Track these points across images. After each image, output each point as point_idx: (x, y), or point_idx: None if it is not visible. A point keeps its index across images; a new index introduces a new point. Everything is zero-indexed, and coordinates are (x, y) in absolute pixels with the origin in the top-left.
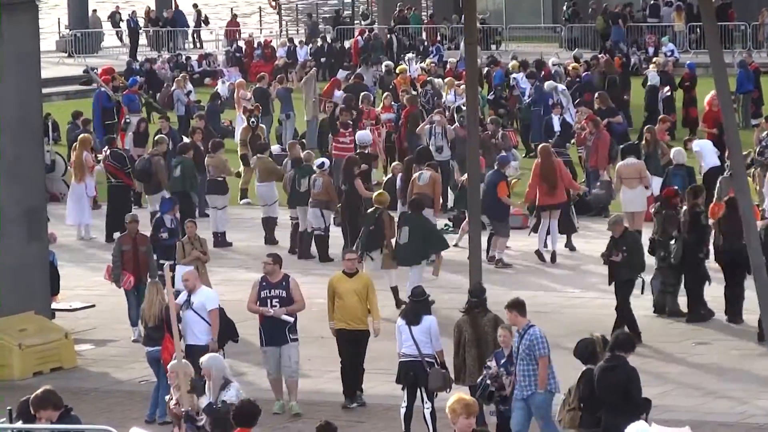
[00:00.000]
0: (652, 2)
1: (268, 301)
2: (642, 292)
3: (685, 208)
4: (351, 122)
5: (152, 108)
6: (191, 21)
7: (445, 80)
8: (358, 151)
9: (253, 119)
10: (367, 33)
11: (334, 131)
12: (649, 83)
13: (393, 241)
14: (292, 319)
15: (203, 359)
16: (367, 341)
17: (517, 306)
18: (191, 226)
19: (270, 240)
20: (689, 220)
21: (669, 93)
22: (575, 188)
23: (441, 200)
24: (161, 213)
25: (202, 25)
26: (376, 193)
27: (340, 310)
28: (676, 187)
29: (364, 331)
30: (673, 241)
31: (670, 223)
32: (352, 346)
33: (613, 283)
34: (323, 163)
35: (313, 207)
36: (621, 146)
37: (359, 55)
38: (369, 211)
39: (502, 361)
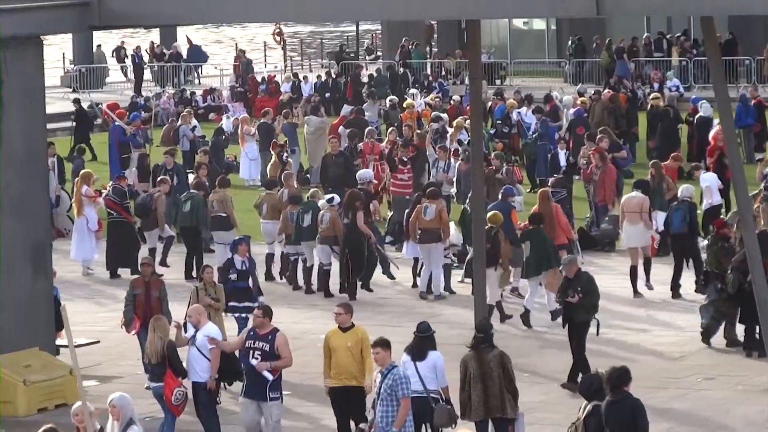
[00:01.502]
0: (656, 37)
1: (251, 351)
2: (597, 333)
3: (738, 238)
4: (408, 159)
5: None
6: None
7: (455, 122)
8: (358, 186)
9: (285, 154)
10: (365, 68)
11: (392, 168)
12: (701, 115)
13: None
14: (271, 378)
15: (113, 396)
16: (362, 399)
17: (383, 344)
18: (209, 271)
19: (269, 276)
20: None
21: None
22: (569, 236)
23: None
24: (231, 253)
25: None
26: (490, 214)
27: (333, 365)
28: (723, 218)
29: (357, 387)
30: (729, 272)
31: (725, 254)
32: (345, 403)
33: (568, 325)
34: (333, 198)
35: (321, 243)
36: (634, 181)
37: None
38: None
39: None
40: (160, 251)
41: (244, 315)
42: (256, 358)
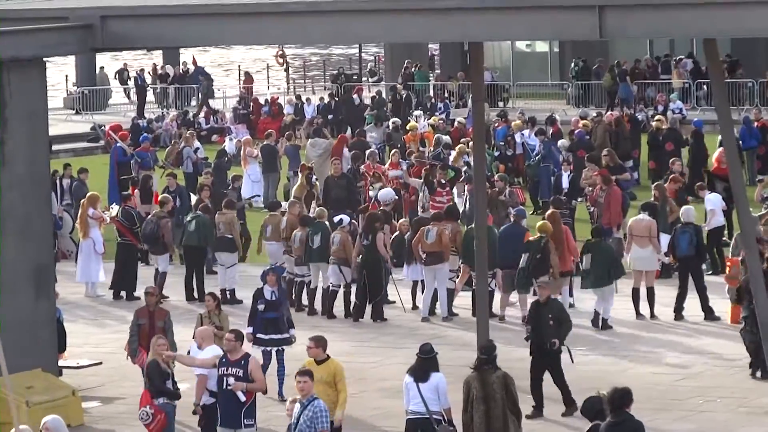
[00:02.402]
0: (663, 59)
1: (224, 379)
2: (572, 361)
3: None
4: (447, 181)
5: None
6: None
7: (457, 147)
8: (381, 208)
9: (314, 177)
10: (368, 90)
11: (431, 190)
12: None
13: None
14: (244, 398)
15: (46, 419)
16: None
17: (309, 374)
18: (209, 300)
19: None
20: None
21: (673, 149)
22: (576, 256)
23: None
24: (262, 283)
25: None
26: (539, 223)
27: None
28: (759, 236)
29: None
30: None
31: None
32: None
33: (535, 354)
34: (342, 219)
35: (332, 264)
36: (642, 204)
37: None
38: (533, 240)
39: None
40: (172, 275)
41: (268, 349)
42: (230, 384)
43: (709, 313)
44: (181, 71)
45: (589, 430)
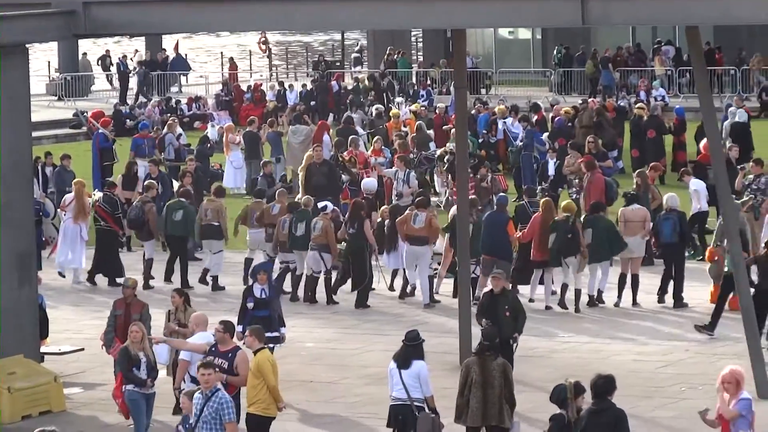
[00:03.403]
0: (655, 46)
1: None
2: (513, 351)
3: None
4: (470, 169)
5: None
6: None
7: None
8: (363, 197)
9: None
10: (348, 77)
11: (453, 177)
12: (736, 120)
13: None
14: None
15: None
16: (262, 428)
17: (213, 366)
18: (175, 296)
19: (246, 281)
20: None
21: (654, 137)
22: None
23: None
24: (252, 281)
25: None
26: (564, 203)
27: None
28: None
29: (254, 415)
30: None
31: None
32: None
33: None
34: (326, 206)
35: (312, 250)
36: (625, 194)
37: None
38: (560, 219)
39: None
40: (157, 260)
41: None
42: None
43: (678, 301)
44: (159, 58)
45: (551, 418)
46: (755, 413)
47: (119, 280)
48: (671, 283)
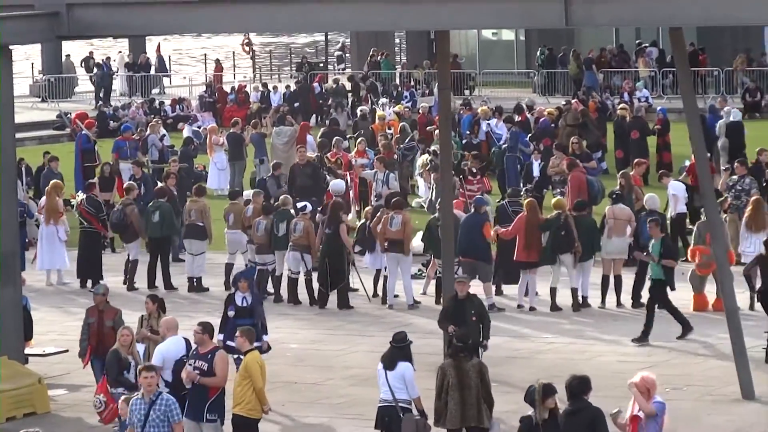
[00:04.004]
0: (639, 48)
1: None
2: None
3: None
4: (478, 170)
5: None
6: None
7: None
8: (332, 200)
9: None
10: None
11: (464, 178)
12: (730, 119)
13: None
14: (190, 386)
15: None
16: (248, 430)
17: (155, 369)
18: (149, 303)
19: (228, 286)
20: None
21: (638, 137)
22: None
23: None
24: (233, 288)
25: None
26: (554, 200)
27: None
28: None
29: (239, 416)
30: None
31: None
32: None
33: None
34: (305, 206)
35: (293, 251)
36: (611, 193)
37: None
38: (551, 217)
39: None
40: (143, 261)
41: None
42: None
43: (636, 300)
44: (139, 60)
45: (520, 419)
46: (665, 420)
47: (102, 282)
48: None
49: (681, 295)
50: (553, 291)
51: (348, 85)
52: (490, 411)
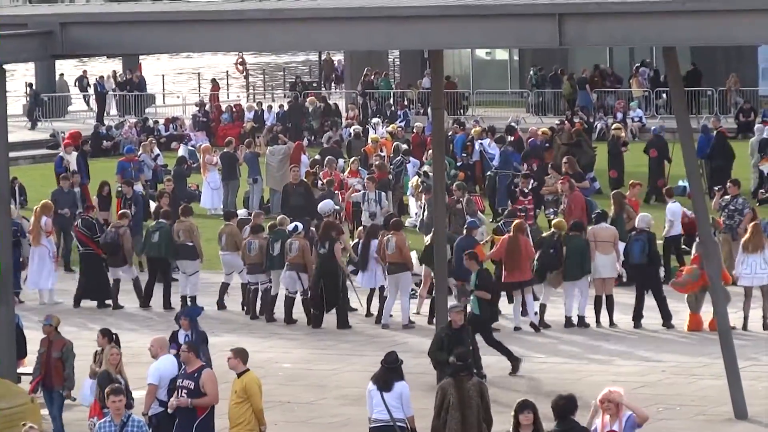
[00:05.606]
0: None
1: (179, 390)
2: None
3: None
4: (528, 191)
5: None
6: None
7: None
8: (324, 219)
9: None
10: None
11: (513, 199)
12: (763, 136)
13: None
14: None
15: None
16: None
17: (121, 392)
18: (99, 337)
19: (221, 305)
20: None
21: (656, 156)
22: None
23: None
24: (177, 324)
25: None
26: (556, 220)
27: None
28: None
29: None
30: None
31: None
32: None
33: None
34: (297, 227)
35: (289, 270)
36: (593, 214)
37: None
38: (546, 236)
39: None
40: (124, 283)
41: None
42: (183, 396)
43: (667, 320)
44: (125, 78)
45: None
46: None
47: (108, 302)
48: (646, 306)
49: (679, 316)
50: (542, 308)
51: (341, 104)
52: (489, 430)
